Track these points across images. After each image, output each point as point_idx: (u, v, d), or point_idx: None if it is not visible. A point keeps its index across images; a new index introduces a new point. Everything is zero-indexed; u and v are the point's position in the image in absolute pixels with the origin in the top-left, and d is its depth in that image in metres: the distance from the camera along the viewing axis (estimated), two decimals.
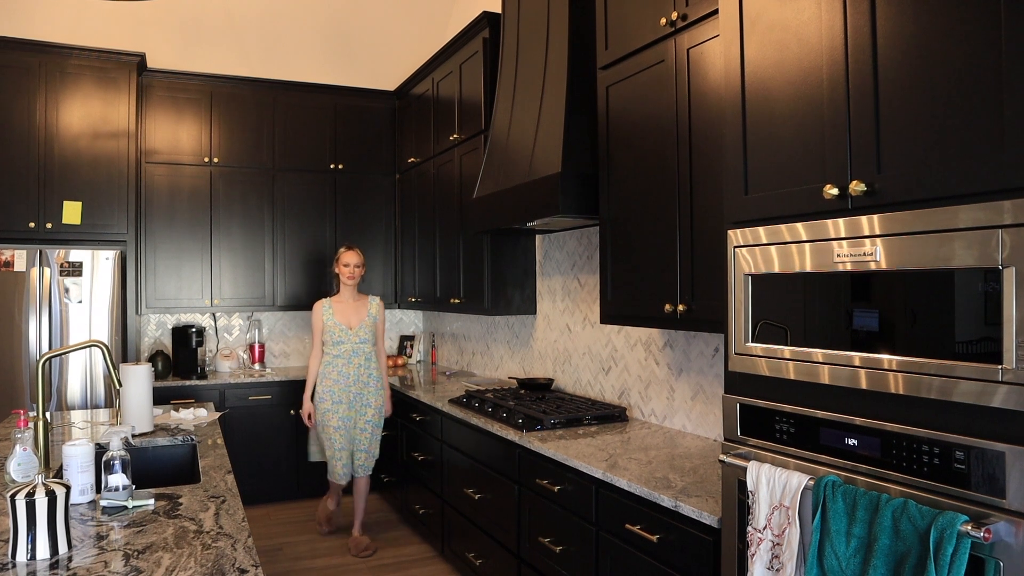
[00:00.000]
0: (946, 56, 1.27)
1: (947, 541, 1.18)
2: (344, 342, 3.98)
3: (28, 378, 4.05)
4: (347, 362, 3.99)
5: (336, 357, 3.99)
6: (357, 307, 4.04)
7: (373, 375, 4.05)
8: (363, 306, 4.06)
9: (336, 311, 4.00)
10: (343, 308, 4.02)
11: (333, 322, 3.97)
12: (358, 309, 4.04)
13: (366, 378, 4.03)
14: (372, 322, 4.05)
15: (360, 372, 4.01)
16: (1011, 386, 1.16)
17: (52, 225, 4.29)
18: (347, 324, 3.98)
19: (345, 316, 4.00)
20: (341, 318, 3.99)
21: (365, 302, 4.08)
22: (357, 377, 4.01)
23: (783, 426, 1.59)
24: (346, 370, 3.99)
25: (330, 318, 3.98)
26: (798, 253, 1.54)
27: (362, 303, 4.06)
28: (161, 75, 4.75)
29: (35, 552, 1.48)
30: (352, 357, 3.99)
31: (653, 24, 2.46)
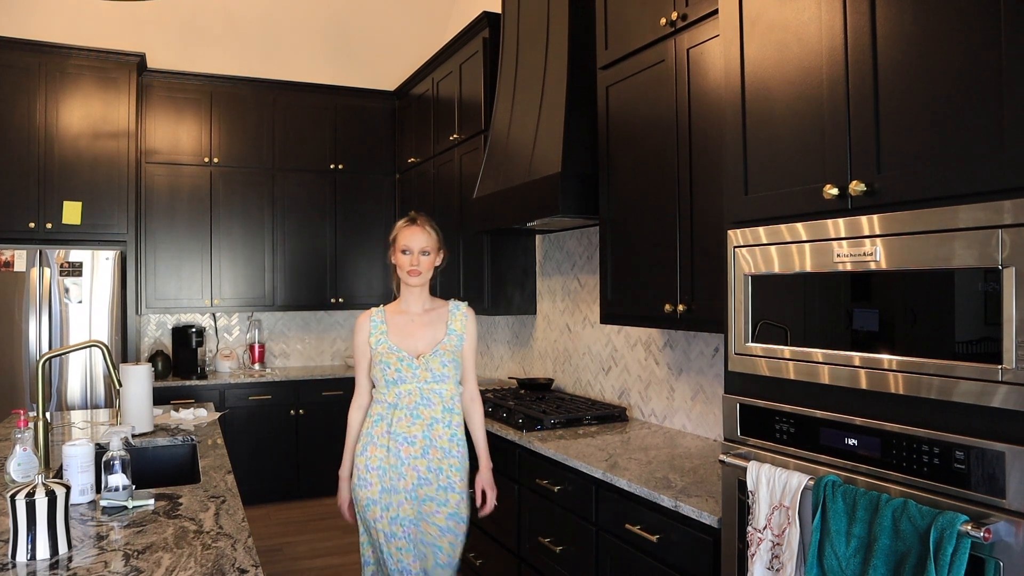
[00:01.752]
0: (946, 56, 1.27)
1: (947, 541, 1.18)
2: (405, 380, 2.32)
3: (28, 378, 4.05)
4: (410, 416, 2.32)
5: (391, 408, 2.33)
6: (429, 321, 2.42)
7: (456, 439, 2.37)
8: (439, 319, 2.42)
9: (393, 328, 2.39)
10: (405, 324, 2.41)
11: (387, 346, 2.35)
12: (430, 324, 2.41)
13: (445, 443, 2.35)
14: (455, 346, 2.39)
15: (434, 433, 2.33)
16: (1011, 386, 1.16)
17: (52, 225, 4.29)
18: (411, 350, 2.36)
19: (408, 336, 2.39)
20: (400, 339, 2.37)
21: (443, 313, 2.45)
22: (428, 443, 2.33)
23: (783, 426, 1.58)
24: (408, 430, 2.31)
25: (383, 340, 2.37)
26: (798, 253, 1.54)
27: (437, 315, 2.44)
28: (161, 75, 4.75)
29: (35, 552, 1.48)
30: (419, 407, 2.32)
31: (653, 24, 2.46)
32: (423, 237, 2.37)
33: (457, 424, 2.37)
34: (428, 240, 2.38)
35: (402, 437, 2.30)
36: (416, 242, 2.36)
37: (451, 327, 2.40)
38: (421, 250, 2.37)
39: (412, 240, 2.37)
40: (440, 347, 2.35)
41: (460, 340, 2.41)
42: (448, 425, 2.35)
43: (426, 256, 2.38)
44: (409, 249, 2.36)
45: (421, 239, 2.37)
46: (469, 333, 2.43)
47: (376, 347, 2.36)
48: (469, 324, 2.44)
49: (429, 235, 2.38)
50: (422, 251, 2.37)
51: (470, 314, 2.46)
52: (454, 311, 2.44)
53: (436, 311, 2.44)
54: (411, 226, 2.39)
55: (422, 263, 2.37)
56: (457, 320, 2.42)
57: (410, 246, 2.36)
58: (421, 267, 2.37)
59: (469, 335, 2.43)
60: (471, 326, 2.45)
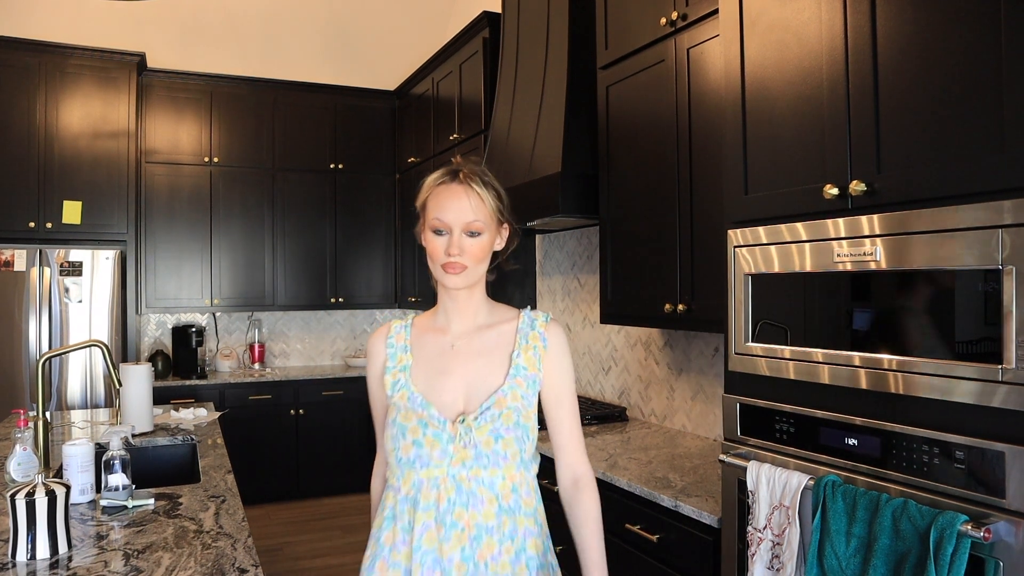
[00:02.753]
0: (946, 56, 1.27)
1: (947, 541, 1.18)
2: (429, 463, 1.33)
3: (28, 378, 4.06)
4: (439, 525, 1.31)
5: (409, 504, 1.35)
6: (481, 349, 1.42)
7: (527, 560, 1.34)
8: (499, 346, 1.42)
9: (420, 361, 1.43)
10: (439, 353, 1.43)
11: (407, 395, 1.39)
12: (482, 355, 1.41)
13: (506, 570, 1.32)
14: (523, 397, 1.38)
15: (482, 554, 1.31)
16: (1011, 386, 1.16)
17: (52, 225, 4.29)
18: (443, 404, 1.37)
19: (441, 376, 1.40)
20: (428, 383, 1.40)
21: (507, 334, 1.43)
22: (474, 571, 1.30)
23: (783, 426, 1.58)
24: (440, 548, 1.30)
25: (402, 382, 1.41)
26: (798, 253, 1.54)
27: (497, 338, 1.43)
28: (161, 75, 4.75)
29: (35, 552, 1.48)
30: (455, 508, 1.32)
31: (653, 24, 2.46)
32: (470, 204, 1.34)
33: (529, 534, 1.34)
34: (480, 209, 1.34)
35: (431, 559, 1.28)
36: (457, 213, 1.33)
37: (518, 361, 1.37)
38: (466, 227, 1.33)
39: (451, 209, 1.33)
40: (495, 401, 1.33)
41: (534, 384, 1.37)
42: (511, 538, 1.31)
43: (476, 238, 1.33)
44: (445, 225, 1.33)
45: (465, 208, 1.33)
46: (554, 367, 1.39)
47: (393, 393, 1.37)
48: (553, 353, 1.39)
49: (481, 200, 1.35)
50: (468, 229, 1.33)
51: (554, 334, 1.40)
52: (525, 329, 1.40)
53: (495, 330, 1.41)
54: (451, 184, 1.36)
55: (469, 249, 1.33)
56: (530, 348, 1.38)
57: (446, 220, 1.33)
58: (467, 256, 1.33)
59: (554, 371, 1.39)
60: (557, 355, 1.39)
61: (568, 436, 1.43)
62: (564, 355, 1.42)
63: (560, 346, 1.41)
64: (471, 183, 1.37)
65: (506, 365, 1.38)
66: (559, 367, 1.41)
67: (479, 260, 1.36)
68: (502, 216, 1.40)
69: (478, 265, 1.36)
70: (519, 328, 1.42)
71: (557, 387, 1.41)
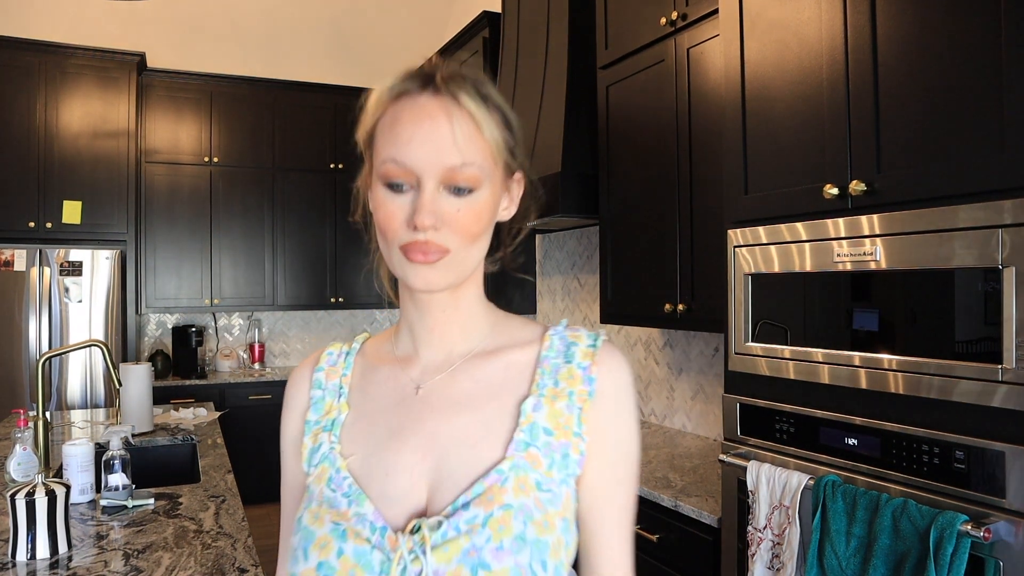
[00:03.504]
0: (946, 55, 1.27)
1: (947, 541, 1.18)
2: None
3: (28, 377, 4.05)
4: None
5: None
6: (471, 395, 0.75)
7: None
8: (505, 387, 0.75)
9: (362, 416, 0.78)
10: (396, 403, 0.77)
11: (330, 471, 0.74)
12: (473, 404, 0.74)
13: None
14: (549, 478, 0.70)
15: None
16: (1011, 386, 1.16)
17: (52, 225, 4.29)
18: (388, 489, 0.71)
19: (390, 441, 0.74)
20: (364, 452, 0.74)
21: (522, 362, 0.77)
22: None
23: (783, 426, 1.58)
24: None
25: (326, 448, 0.76)
26: (798, 253, 1.53)
27: (505, 370, 0.76)
28: (161, 75, 4.75)
29: (35, 551, 1.48)
30: None
31: (653, 24, 2.46)
32: (454, 133, 0.69)
33: None
34: (472, 142, 0.70)
35: None
36: (432, 149, 0.69)
37: (535, 417, 0.73)
38: (448, 176, 0.69)
39: (419, 141, 0.69)
40: (482, 492, 0.69)
41: (565, 463, 0.72)
42: None
43: (466, 197, 0.71)
44: (407, 173, 0.70)
45: (445, 141, 0.69)
46: (607, 436, 0.75)
47: (309, 469, 0.78)
48: (606, 406, 0.75)
49: (476, 127, 0.71)
50: (453, 180, 0.70)
51: (609, 370, 0.76)
52: (554, 359, 0.77)
53: (498, 361, 0.78)
54: (418, 96, 0.72)
55: (453, 218, 0.70)
56: (561, 395, 0.74)
57: (411, 161, 0.69)
58: (449, 230, 0.70)
59: (607, 442, 0.75)
60: (613, 410, 0.75)
61: (616, 566, 0.74)
62: (625, 410, 0.74)
63: (619, 393, 0.74)
64: (457, 93, 0.70)
65: (510, 424, 0.72)
66: (616, 435, 0.74)
67: (471, 238, 0.71)
68: (512, 160, 0.75)
69: (470, 247, 0.71)
70: (543, 357, 0.76)
71: (607, 475, 0.73)
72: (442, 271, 0.71)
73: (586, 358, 0.76)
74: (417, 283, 0.71)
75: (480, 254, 0.76)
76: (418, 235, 0.69)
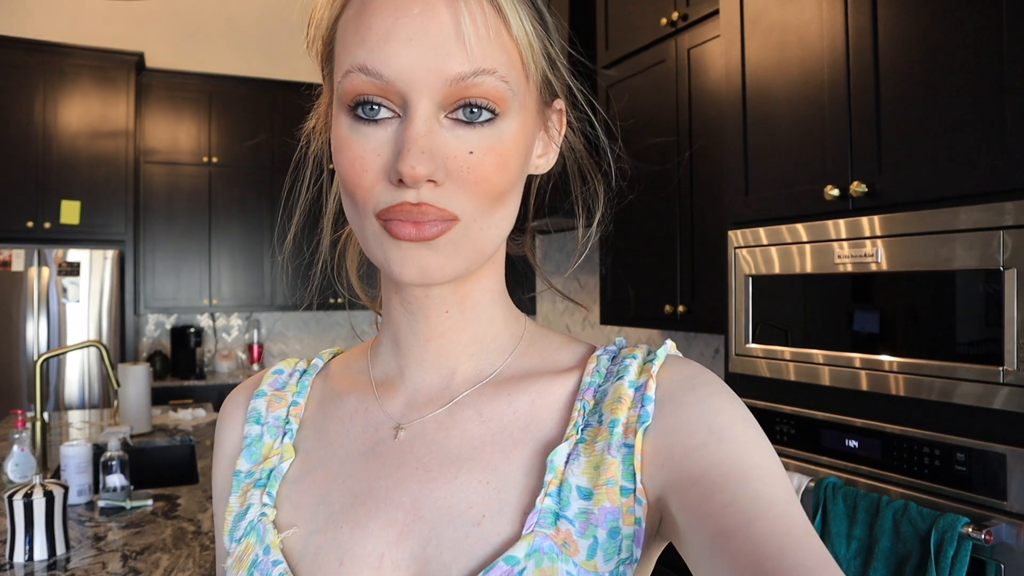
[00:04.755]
0: (948, 56, 1.27)
1: (948, 543, 1.18)
2: None
3: (26, 378, 4.05)
4: None
5: None
6: (474, 442, 0.49)
7: None
8: (529, 431, 0.48)
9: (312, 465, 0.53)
10: (366, 450, 0.51)
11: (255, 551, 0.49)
12: (476, 456, 0.48)
13: None
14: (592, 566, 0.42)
15: None
16: (1012, 388, 1.15)
17: (50, 225, 4.28)
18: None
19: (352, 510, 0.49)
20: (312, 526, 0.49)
21: (554, 396, 0.50)
22: None
23: (783, 427, 1.58)
24: None
25: (255, 513, 0.51)
26: (799, 254, 1.53)
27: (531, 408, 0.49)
28: (160, 74, 4.74)
29: (33, 553, 1.47)
30: None
31: (653, 24, 2.46)
32: (462, 24, 0.42)
33: None
34: (493, 38, 0.43)
35: None
36: (425, 46, 0.42)
37: (568, 476, 0.45)
38: (456, 90, 0.42)
39: (403, 36, 0.42)
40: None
41: (615, 540, 0.43)
42: None
43: (484, 127, 0.44)
44: (389, 89, 0.43)
45: (446, 34, 0.42)
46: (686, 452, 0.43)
47: (231, 543, 0.52)
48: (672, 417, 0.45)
49: (502, 18, 0.44)
50: (462, 96, 0.43)
51: (677, 381, 0.47)
52: (599, 385, 0.50)
53: (522, 393, 0.51)
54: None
55: (465, 163, 0.43)
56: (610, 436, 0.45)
57: (388, 70, 0.42)
58: (451, 188, 0.44)
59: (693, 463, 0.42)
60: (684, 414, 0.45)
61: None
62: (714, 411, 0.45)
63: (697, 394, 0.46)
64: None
65: (533, 486, 0.47)
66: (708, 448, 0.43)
67: (493, 197, 0.46)
68: (553, 76, 0.52)
69: (490, 212, 0.46)
70: (585, 386, 0.50)
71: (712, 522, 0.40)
72: (447, 253, 0.45)
73: (642, 375, 0.48)
74: (406, 272, 0.45)
75: (507, 226, 0.49)
76: (406, 193, 0.43)
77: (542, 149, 0.54)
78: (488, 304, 0.53)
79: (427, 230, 0.43)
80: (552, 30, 0.50)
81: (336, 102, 0.47)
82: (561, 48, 0.52)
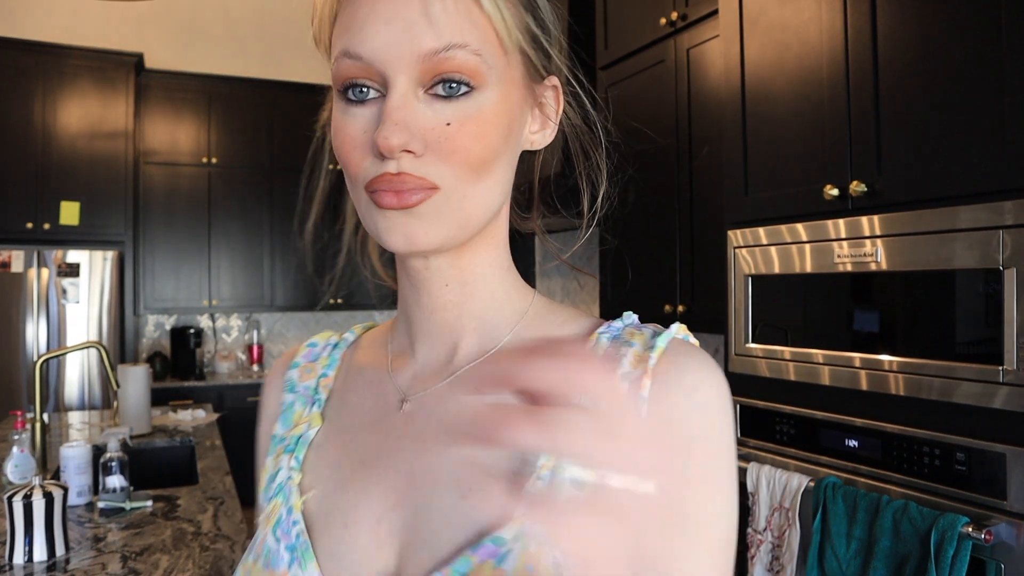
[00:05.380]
0: (947, 56, 1.27)
1: (948, 543, 1.18)
2: None
3: (26, 379, 4.04)
4: None
5: None
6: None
7: None
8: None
9: (332, 433, 0.56)
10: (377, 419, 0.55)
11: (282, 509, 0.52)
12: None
13: None
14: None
15: None
16: (1012, 387, 1.15)
17: (50, 226, 4.28)
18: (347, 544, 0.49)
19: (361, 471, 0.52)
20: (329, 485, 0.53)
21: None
22: None
23: (783, 427, 1.58)
24: None
25: (283, 475, 0.55)
26: (798, 254, 1.53)
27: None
28: (159, 75, 4.74)
29: (32, 554, 1.47)
30: None
31: (653, 24, 2.46)
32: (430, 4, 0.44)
33: None
34: (460, 14, 0.45)
35: None
36: (397, 28, 0.44)
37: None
38: (429, 66, 0.45)
39: (372, 22, 0.45)
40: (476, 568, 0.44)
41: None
42: None
43: (459, 100, 0.46)
44: (370, 70, 0.46)
45: (414, 14, 0.44)
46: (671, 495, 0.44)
47: (265, 502, 0.55)
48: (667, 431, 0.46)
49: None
50: (438, 71, 0.45)
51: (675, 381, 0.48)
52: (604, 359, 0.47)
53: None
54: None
55: (441, 135, 0.46)
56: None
57: (365, 50, 0.45)
58: (429, 159, 0.46)
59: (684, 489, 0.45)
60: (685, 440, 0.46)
61: None
62: (705, 460, 0.47)
63: (693, 425, 0.47)
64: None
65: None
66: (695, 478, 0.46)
67: (474, 166, 0.47)
68: (538, 53, 0.53)
69: (474, 181, 0.48)
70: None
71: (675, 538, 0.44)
72: (431, 220, 0.46)
73: (638, 364, 0.48)
74: (393, 240, 0.47)
75: (495, 196, 0.50)
76: (387, 165, 0.45)
77: (538, 125, 0.56)
78: (490, 278, 0.55)
79: (408, 198, 0.45)
80: (541, 9, 0.52)
81: (333, 89, 0.50)
82: (556, 29, 0.55)
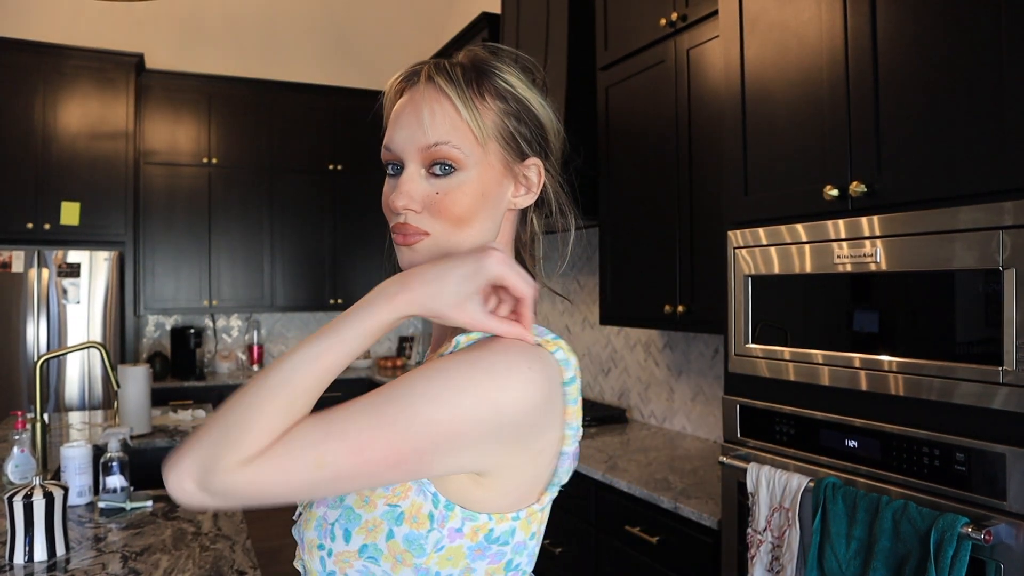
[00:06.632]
0: (947, 56, 1.27)
1: (947, 543, 1.18)
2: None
3: (26, 379, 4.05)
4: None
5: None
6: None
7: None
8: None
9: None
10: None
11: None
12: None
13: None
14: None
15: None
16: (1011, 387, 1.15)
17: (50, 226, 4.28)
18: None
19: None
20: None
21: None
22: None
23: (783, 427, 1.58)
24: None
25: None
26: (798, 254, 1.53)
27: None
28: (159, 75, 4.74)
29: (32, 554, 1.47)
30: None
31: (653, 24, 2.46)
32: (428, 115, 0.73)
33: None
34: (446, 120, 0.73)
35: None
36: (407, 130, 0.75)
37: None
38: (425, 154, 0.73)
39: (399, 125, 0.77)
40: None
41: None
42: None
43: (445, 178, 0.73)
44: (394, 156, 0.78)
45: (416, 123, 0.74)
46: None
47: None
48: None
49: (453, 106, 0.73)
50: (430, 158, 0.73)
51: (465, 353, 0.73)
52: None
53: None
54: (413, 89, 0.77)
55: (430, 199, 0.74)
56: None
57: (393, 145, 0.77)
58: (429, 211, 0.74)
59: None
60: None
61: None
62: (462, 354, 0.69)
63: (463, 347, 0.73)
64: (437, 79, 0.72)
65: None
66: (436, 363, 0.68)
67: (454, 221, 0.71)
68: (515, 143, 0.74)
69: (455, 231, 0.72)
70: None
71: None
72: (424, 255, 0.74)
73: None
74: (402, 263, 0.77)
75: (475, 239, 0.75)
76: (399, 217, 0.75)
77: (523, 191, 0.80)
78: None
79: (409, 239, 0.75)
80: (529, 116, 0.78)
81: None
82: (546, 127, 0.81)
